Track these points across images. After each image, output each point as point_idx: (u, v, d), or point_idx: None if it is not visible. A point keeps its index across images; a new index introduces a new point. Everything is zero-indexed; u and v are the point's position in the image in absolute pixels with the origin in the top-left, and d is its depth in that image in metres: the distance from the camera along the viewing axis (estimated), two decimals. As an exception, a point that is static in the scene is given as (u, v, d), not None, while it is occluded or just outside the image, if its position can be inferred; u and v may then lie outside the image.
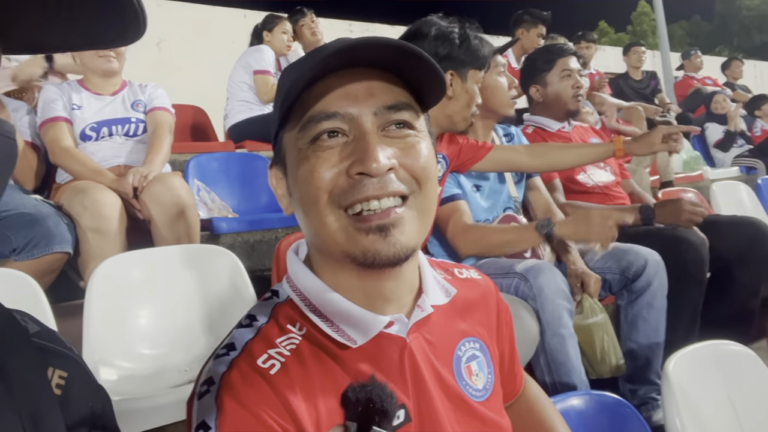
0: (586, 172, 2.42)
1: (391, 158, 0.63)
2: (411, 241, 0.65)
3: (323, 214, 0.64)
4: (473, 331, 0.80)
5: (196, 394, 0.63)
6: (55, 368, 0.60)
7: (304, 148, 0.65)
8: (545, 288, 1.59)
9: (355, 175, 0.62)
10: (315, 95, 0.65)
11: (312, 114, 0.65)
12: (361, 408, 0.44)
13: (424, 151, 0.67)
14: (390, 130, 0.66)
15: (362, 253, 0.63)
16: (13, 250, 1.82)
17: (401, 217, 0.64)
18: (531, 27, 4.38)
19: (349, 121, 0.64)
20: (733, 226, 2.30)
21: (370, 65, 0.65)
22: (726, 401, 1.24)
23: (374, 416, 0.44)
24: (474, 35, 1.74)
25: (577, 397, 1.21)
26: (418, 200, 0.66)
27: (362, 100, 0.64)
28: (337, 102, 0.64)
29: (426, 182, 0.67)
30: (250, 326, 0.69)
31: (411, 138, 0.67)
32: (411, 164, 0.65)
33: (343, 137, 0.65)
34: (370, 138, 0.63)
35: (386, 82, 0.66)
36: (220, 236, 2.45)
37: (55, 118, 2.23)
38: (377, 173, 0.62)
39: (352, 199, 0.63)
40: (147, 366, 1.63)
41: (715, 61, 8.75)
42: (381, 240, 0.63)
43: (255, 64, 3.75)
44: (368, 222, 0.63)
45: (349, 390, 0.45)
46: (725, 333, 1.45)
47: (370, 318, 0.67)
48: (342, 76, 0.65)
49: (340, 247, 0.65)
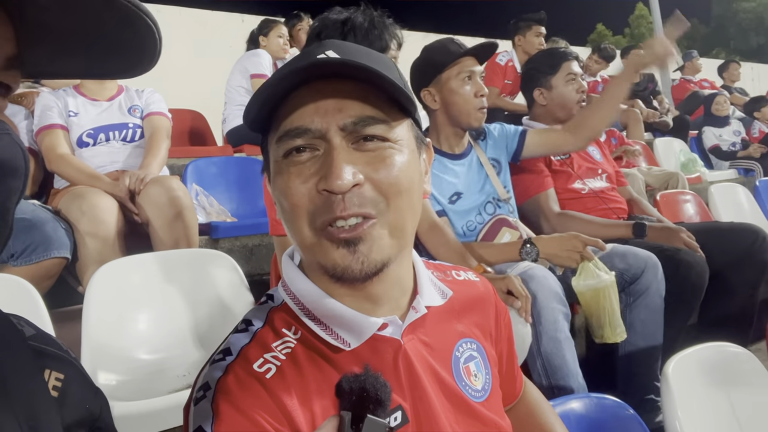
0: (582, 180, 2.43)
1: (357, 174, 0.62)
2: (380, 256, 0.64)
3: (300, 228, 0.65)
4: (470, 332, 0.80)
5: (193, 400, 0.63)
6: (51, 371, 0.60)
7: (279, 161, 0.66)
8: (539, 292, 1.59)
9: (322, 191, 0.63)
10: (290, 106, 0.65)
11: (285, 129, 0.65)
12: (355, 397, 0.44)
13: (397, 162, 0.65)
14: (361, 143, 0.65)
15: (332, 267, 0.64)
16: (11, 255, 1.81)
17: (368, 233, 0.63)
18: (526, 31, 4.41)
19: (319, 136, 0.64)
20: (732, 232, 2.31)
21: (342, 77, 0.64)
22: (725, 403, 1.24)
23: (368, 405, 0.44)
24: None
25: (576, 401, 1.20)
26: (388, 217, 0.65)
27: (331, 114, 0.64)
28: (308, 117, 0.64)
29: (396, 197, 0.65)
30: (245, 331, 0.69)
31: (383, 150, 0.65)
32: (379, 179, 0.64)
33: (313, 152, 0.65)
34: (335, 154, 0.63)
35: (360, 92, 0.65)
36: (219, 240, 2.45)
37: (50, 126, 2.24)
38: (340, 190, 0.61)
39: (321, 219, 0.63)
40: (145, 371, 1.63)
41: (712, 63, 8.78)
42: (350, 255, 0.63)
43: (252, 68, 3.76)
44: (337, 235, 0.63)
45: (342, 380, 0.45)
46: (724, 335, 1.45)
47: (363, 321, 0.67)
48: (315, 88, 0.64)
49: (315, 258, 0.66)
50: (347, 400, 0.45)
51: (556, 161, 2.40)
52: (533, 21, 4.41)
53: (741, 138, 5.63)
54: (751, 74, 12.34)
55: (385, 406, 0.45)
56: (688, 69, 7.10)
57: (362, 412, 0.45)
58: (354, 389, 0.45)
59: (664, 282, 1.87)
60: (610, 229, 2.20)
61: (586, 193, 2.42)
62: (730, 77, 7.38)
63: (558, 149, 2.12)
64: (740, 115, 6.10)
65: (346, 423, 0.45)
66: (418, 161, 0.71)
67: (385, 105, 0.66)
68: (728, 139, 5.60)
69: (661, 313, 1.87)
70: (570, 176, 2.41)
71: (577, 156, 2.48)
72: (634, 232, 2.16)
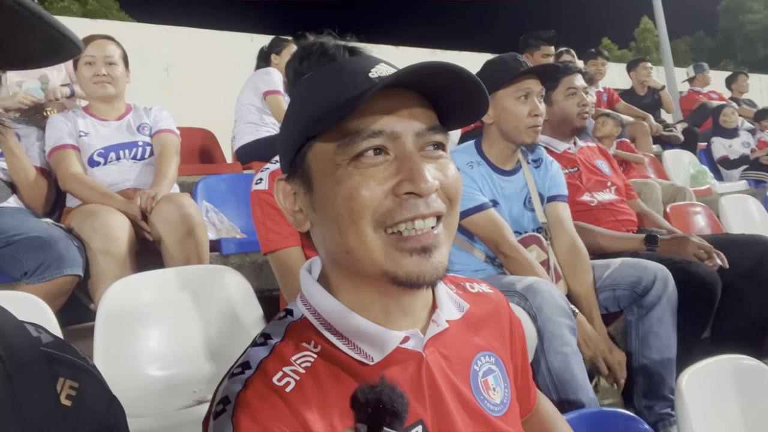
0: (590, 193, 2.43)
1: (434, 178, 0.65)
2: (446, 260, 0.66)
3: (364, 233, 0.64)
4: (488, 345, 0.79)
5: (212, 413, 0.63)
6: (66, 379, 0.60)
7: (343, 165, 0.65)
8: (544, 307, 1.58)
9: (403, 195, 0.63)
10: (357, 112, 0.64)
11: (356, 130, 0.64)
12: (371, 409, 0.43)
13: (454, 171, 0.69)
14: (427, 151, 0.67)
15: (405, 274, 0.64)
16: (24, 273, 1.83)
17: (439, 237, 0.65)
18: (534, 50, 4.44)
19: (393, 140, 0.65)
20: (744, 243, 2.30)
21: (407, 86, 0.66)
22: (740, 416, 1.22)
23: (384, 417, 0.44)
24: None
25: (590, 415, 1.19)
26: (449, 220, 0.68)
27: (405, 120, 0.65)
28: (381, 120, 0.65)
29: (456, 202, 0.68)
30: (264, 344, 0.69)
31: (444, 159, 0.68)
32: (447, 184, 0.67)
33: (385, 155, 0.65)
34: (416, 158, 0.64)
35: (422, 103, 0.68)
36: (229, 257, 2.46)
37: (62, 146, 2.28)
38: (427, 192, 0.63)
39: (400, 218, 0.63)
40: (157, 387, 1.63)
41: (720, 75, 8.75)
42: (425, 261, 0.64)
43: (264, 86, 3.79)
44: (412, 243, 0.63)
45: (358, 391, 0.44)
46: (738, 347, 1.43)
47: (386, 335, 0.67)
48: (382, 95, 0.64)
49: (378, 266, 0.65)
50: (363, 413, 0.45)
51: (564, 174, 2.40)
52: (543, 40, 4.44)
53: (750, 149, 5.60)
54: (759, 85, 12.30)
55: (402, 419, 0.44)
56: (698, 81, 7.08)
57: (378, 425, 0.44)
58: (370, 401, 0.44)
59: (676, 294, 1.86)
60: (623, 242, 2.19)
61: (594, 206, 2.42)
62: (739, 89, 7.35)
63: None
64: (749, 127, 6.07)
65: None
66: None
67: (437, 118, 0.70)
68: (738, 150, 5.58)
69: (674, 326, 1.85)
70: (578, 189, 2.42)
71: (585, 170, 2.49)
72: (646, 244, 2.15)
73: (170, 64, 6.14)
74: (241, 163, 3.73)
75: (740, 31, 46.42)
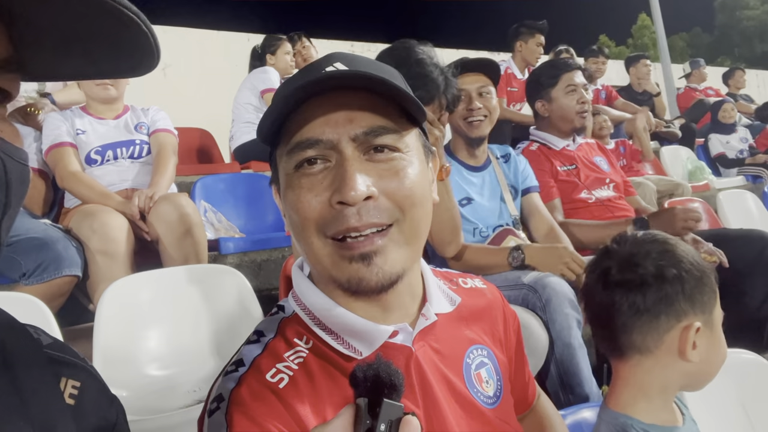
0: (588, 190, 2.43)
1: (370, 186, 0.63)
2: (395, 268, 0.64)
3: (311, 240, 0.65)
4: (480, 338, 0.80)
5: (207, 412, 0.63)
6: (68, 378, 0.61)
7: (290, 174, 0.66)
8: (553, 298, 1.59)
9: (336, 204, 0.62)
10: (300, 119, 0.65)
11: (296, 141, 0.65)
12: (370, 383, 0.45)
13: (410, 174, 0.66)
14: (372, 154, 0.65)
15: (347, 281, 0.64)
16: (23, 274, 1.83)
17: (384, 245, 0.64)
18: (528, 38, 4.42)
19: (330, 147, 0.64)
20: (742, 239, 2.30)
21: (351, 88, 0.65)
22: (740, 409, 1.23)
23: (383, 389, 0.45)
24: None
25: (590, 409, 1.19)
26: (403, 227, 0.65)
27: (341, 125, 0.64)
28: (318, 128, 0.64)
29: (411, 208, 0.65)
30: (257, 342, 0.69)
31: (395, 162, 0.65)
32: (393, 191, 0.64)
33: (325, 163, 0.65)
34: (348, 165, 0.63)
35: (369, 102, 0.65)
36: (228, 256, 2.46)
37: (60, 144, 2.27)
38: (354, 201, 0.61)
39: (335, 230, 0.63)
40: (156, 387, 1.63)
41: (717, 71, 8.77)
42: (364, 268, 0.63)
43: (261, 85, 3.80)
44: (351, 250, 0.63)
45: (356, 369, 0.46)
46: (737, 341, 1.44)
47: (374, 329, 0.67)
48: (325, 100, 0.65)
49: (327, 272, 0.66)
50: (362, 387, 0.46)
51: (562, 172, 2.41)
52: (536, 29, 4.42)
53: (748, 145, 5.61)
54: (756, 81, 12.33)
55: (400, 391, 0.46)
56: (695, 77, 7.08)
57: (378, 397, 0.45)
58: (368, 376, 0.46)
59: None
60: (611, 229, 2.18)
61: (592, 203, 2.41)
62: (736, 84, 7.36)
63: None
64: (747, 122, 6.07)
65: (363, 409, 0.46)
66: (427, 170, 0.71)
67: (394, 115, 0.67)
68: (735, 146, 5.58)
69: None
70: (576, 186, 2.42)
71: (583, 167, 2.48)
72: (635, 227, 2.13)
73: (167, 65, 6.13)
74: (239, 162, 3.74)
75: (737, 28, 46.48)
